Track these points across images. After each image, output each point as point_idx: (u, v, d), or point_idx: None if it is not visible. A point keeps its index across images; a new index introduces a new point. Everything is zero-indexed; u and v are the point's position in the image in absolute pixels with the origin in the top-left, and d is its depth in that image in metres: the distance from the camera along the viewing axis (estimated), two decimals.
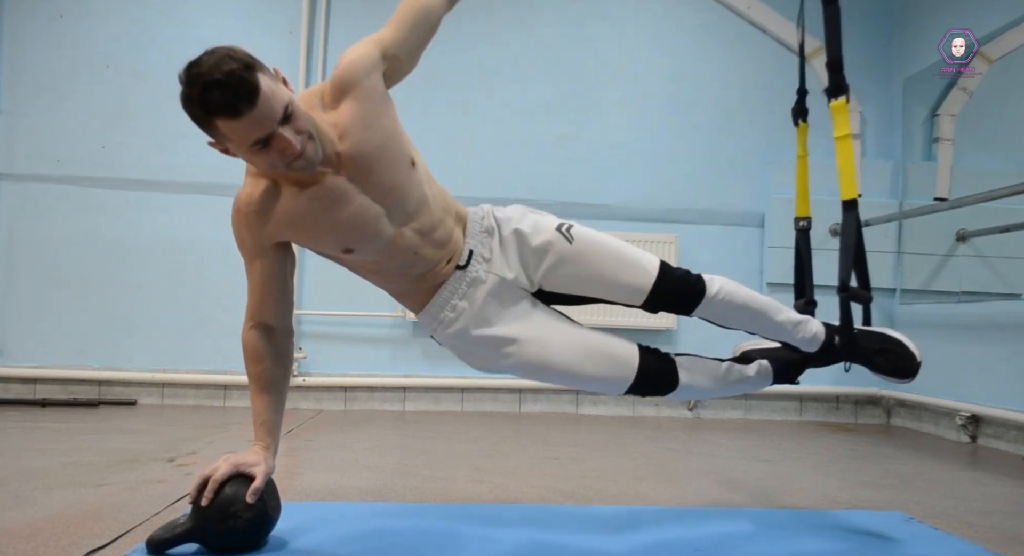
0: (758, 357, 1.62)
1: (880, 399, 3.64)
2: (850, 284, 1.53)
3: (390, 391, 3.52)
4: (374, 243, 1.35)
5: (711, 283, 1.48)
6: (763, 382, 1.60)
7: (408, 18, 1.36)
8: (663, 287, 1.46)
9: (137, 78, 3.53)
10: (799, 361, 1.62)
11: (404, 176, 1.34)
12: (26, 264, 3.46)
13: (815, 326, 1.56)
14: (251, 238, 1.34)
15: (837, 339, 1.55)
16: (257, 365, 1.39)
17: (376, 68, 1.31)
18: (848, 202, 1.55)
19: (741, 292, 1.50)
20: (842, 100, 1.57)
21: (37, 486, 1.81)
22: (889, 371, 1.54)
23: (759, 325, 1.53)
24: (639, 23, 3.74)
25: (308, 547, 1.37)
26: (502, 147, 3.63)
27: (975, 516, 1.81)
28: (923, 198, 3.50)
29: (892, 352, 1.53)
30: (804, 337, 1.54)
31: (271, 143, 1.17)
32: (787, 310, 1.54)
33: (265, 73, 1.16)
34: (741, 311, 1.49)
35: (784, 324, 1.52)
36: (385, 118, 1.32)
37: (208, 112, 1.14)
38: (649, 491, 2.00)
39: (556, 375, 1.46)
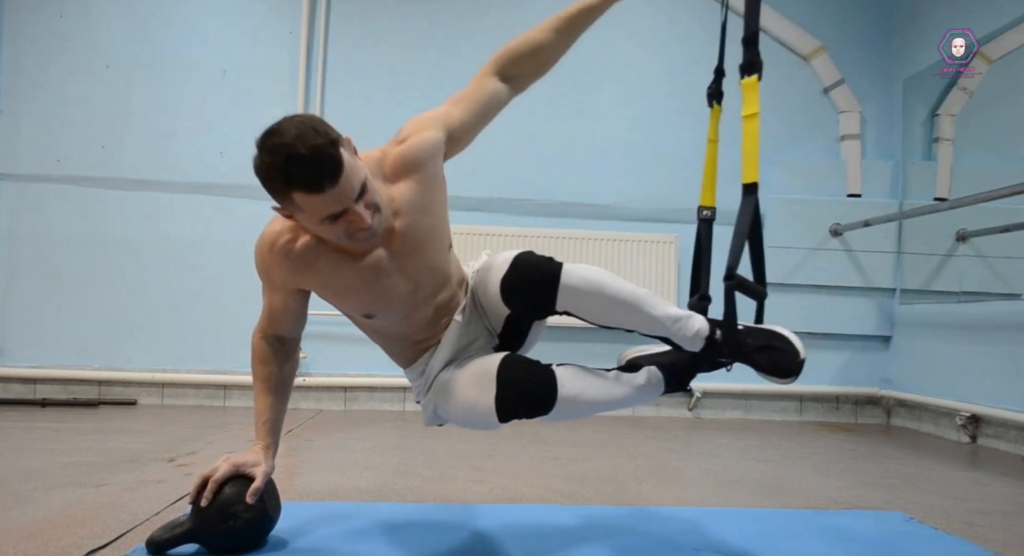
0: (646, 363, 1.46)
1: (880, 399, 3.64)
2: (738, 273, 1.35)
3: (390, 391, 3.52)
4: (397, 313, 1.37)
5: (569, 271, 1.28)
6: (654, 391, 1.44)
7: (478, 103, 1.38)
8: (514, 279, 1.30)
9: (137, 78, 3.53)
10: (688, 364, 1.46)
11: (442, 258, 1.37)
12: (26, 264, 3.47)
13: (697, 322, 1.37)
14: (279, 279, 1.34)
15: (719, 334, 1.37)
16: (265, 366, 1.40)
17: (440, 152, 1.32)
18: (748, 185, 1.42)
19: (610, 281, 1.31)
20: (754, 77, 1.49)
21: (37, 486, 1.81)
22: (770, 370, 1.35)
23: (634, 320, 1.33)
24: (638, 23, 3.74)
25: (308, 547, 1.37)
26: (502, 147, 3.63)
27: (975, 516, 1.81)
28: (923, 198, 3.50)
29: (774, 349, 1.34)
30: (685, 335, 1.35)
31: (343, 217, 1.17)
32: (666, 305, 1.36)
33: (346, 148, 1.16)
34: (611, 304, 1.30)
35: (662, 320, 1.33)
36: (439, 204, 1.33)
37: (289, 186, 1.13)
38: (649, 491, 2.00)
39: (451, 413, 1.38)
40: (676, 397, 3.62)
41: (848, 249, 3.63)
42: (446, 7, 3.68)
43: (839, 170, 3.70)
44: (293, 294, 1.37)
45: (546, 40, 1.45)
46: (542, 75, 1.50)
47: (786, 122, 3.75)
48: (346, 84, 3.60)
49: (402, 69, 3.62)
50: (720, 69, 1.70)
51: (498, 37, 1.57)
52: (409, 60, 3.63)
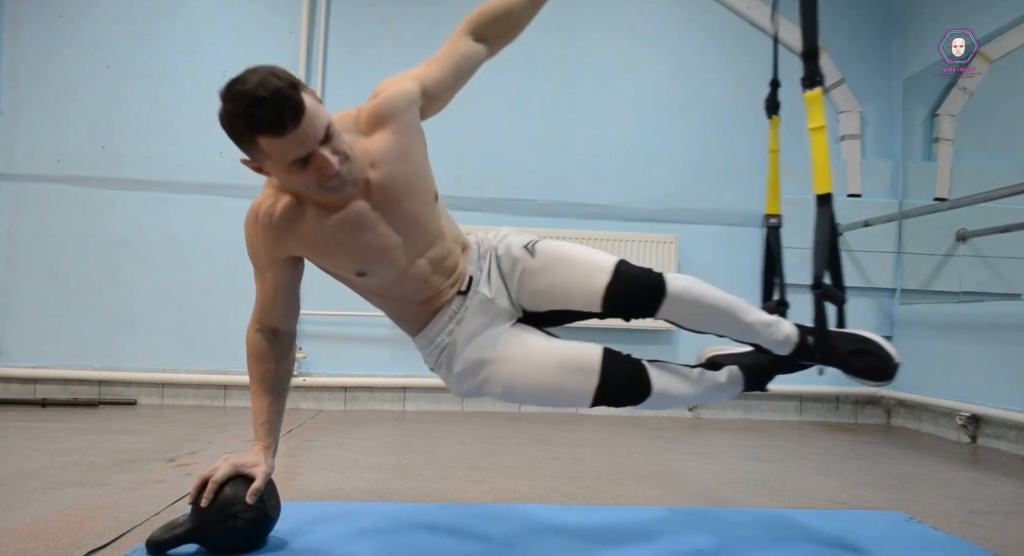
0: (727, 363, 1.53)
1: (880, 399, 3.64)
2: (824, 282, 1.45)
3: (390, 391, 3.52)
4: (389, 270, 1.37)
5: (673, 281, 1.37)
6: (734, 389, 1.51)
7: (452, 60, 1.40)
8: (619, 287, 1.36)
9: (137, 78, 3.53)
10: (770, 365, 1.53)
11: (427, 210, 1.37)
12: (26, 264, 3.46)
13: (787, 327, 1.46)
14: (265, 250, 1.35)
15: (810, 340, 1.45)
16: (261, 365, 1.40)
17: (415, 103, 1.34)
18: (822, 196, 1.50)
19: (707, 291, 1.39)
20: (818, 91, 1.52)
21: (37, 486, 1.81)
22: (865, 373, 1.44)
23: (728, 327, 1.43)
24: (639, 23, 3.74)
25: (308, 547, 1.37)
26: (502, 147, 3.63)
27: (975, 516, 1.81)
28: (923, 198, 3.50)
29: (868, 353, 1.44)
30: (776, 339, 1.44)
31: (310, 162, 1.18)
32: (756, 311, 1.45)
33: (307, 92, 1.17)
34: (708, 312, 1.39)
35: (754, 325, 1.42)
36: (417, 153, 1.35)
37: (251, 129, 1.14)
38: (649, 491, 2.00)
39: (523, 393, 1.41)
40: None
41: (848, 249, 3.63)
42: (446, 8, 3.68)
43: (839, 170, 3.70)
44: (283, 268, 1.37)
45: (518, 3, 1.48)
46: (515, 37, 1.52)
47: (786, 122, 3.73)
48: (346, 84, 3.60)
49: (402, 69, 3.60)
50: (775, 81, 1.76)
51: None
52: (409, 60, 3.56)
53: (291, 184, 1.26)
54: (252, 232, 1.34)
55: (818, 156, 1.49)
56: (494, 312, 1.45)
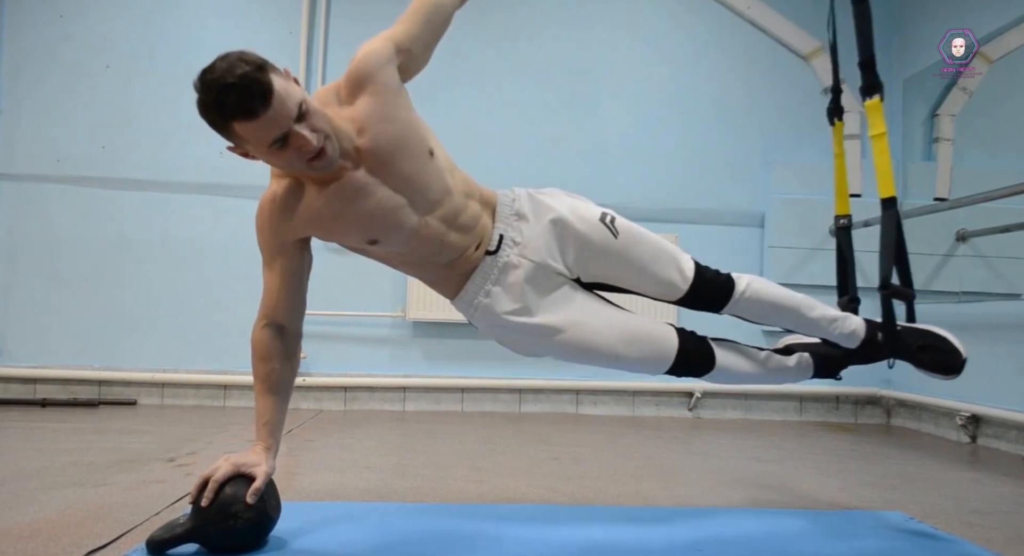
0: (800, 350, 1.64)
1: (880, 399, 3.64)
2: (891, 282, 1.54)
3: (390, 391, 3.52)
4: (398, 233, 1.37)
5: (739, 281, 1.52)
6: (803, 374, 1.62)
7: (420, 13, 1.38)
8: (698, 286, 1.51)
9: (137, 78, 3.53)
10: (841, 357, 1.63)
11: (423, 166, 1.36)
12: (26, 264, 3.46)
13: (854, 322, 1.57)
14: (273, 236, 1.36)
15: (880, 335, 1.56)
16: (266, 365, 1.39)
17: (391, 61, 1.32)
18: (887, 200, 1.56)
19: (771, 290, 1.53)
20: (876, 99, 1.57)
21: (37, 486, 1.81)
22: (934, 368, 1.54)
23: (793, 321, 1.55)
24: (639, 23, 3.74)
25: (308, 547, 1.37)
26: (503, 146, 3.63)
27: (975, 516, 1.81)
28: (923, 198, 3.50)
29: (936, 348, 1.53)
30: (842, 333, 1.56)
31: (288, 142, 1.18)
32: (821, 306, 1.56)
33: (277, 73, 1.17)
34: (771, 308, 1.52)
35: (819, 320, 1.54)
36: (402, 110, 1.33)
37: (224, 116, 1.15)
38: (649, 491, 2.00)
39: (599, 358, 1.49)
40: (677, 397, 3.62)
41: None
42: None
43: None
44: (290, 253, 1.37)
45: None
46: None
47: (786, 122, 3.75)
48: None
49: None
50: (837, 87, 1.83)
51: (498, 36, 1.58)
52: None
53: (277, 165, 1.28)
54: (261, 221, 1.36)
55: (881, 162, 1.54)
56: (550, 276, 1.48)
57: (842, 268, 1.79)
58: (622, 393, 3.58)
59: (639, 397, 3.61)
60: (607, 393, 3.59)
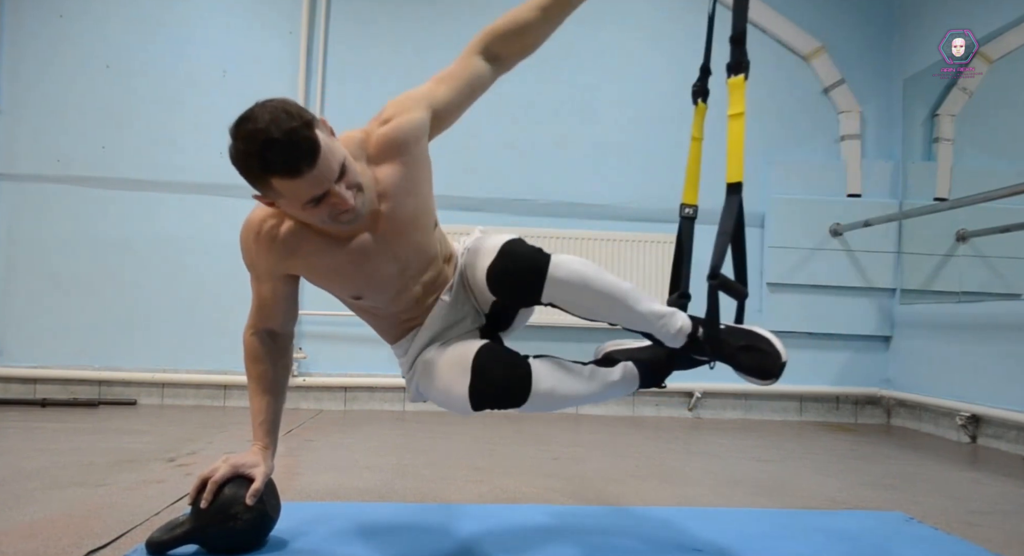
0: (623, 358, 1.47)
1: (880, 399, 3.64)
2: (721, 272, 1.37)
3: (390, 391, 3.52)
4: (384, 295, 1.37)
5: (558, 262, 1.27)
6: (629, 386, 1.45)
7: (462, 80, 1.36)
8: (501, 267, 1.28)
9: (137, 78, 3.53)
10: (664, 361, 1.47)
11: (428, 238, 1.36)
12: (26, 264, 3.46)
13: (680, 319, 1.38)
14: (265, 266, 1.34)
15: (701, 332, 1.38)
16: (258, 365, 1.39)
17: (426, 132, 1.31)
18: (733, 185, 1.45)
19: (597, 276, 1.30)
20: (740, 77, 1.52)
21: (37, 486, 1.81)
22: (752, 371, 1.36)
23: (619, 315, 1.34)
24: (639, 23, 3.74)
25: (308, 547, 1.37)
26: (502, 147, 3.63)
27: (975, 516, 1.81)
28: (923, 198, 3.50)
29: (757, 350, 1.36)
30: (668, 331, 1.36)
31: (324, 199, 1.16)
32: (650, 300, 1.37)
33: (321, 129, 1.14)
34: (597, 297, 1.29)
35: (646, 316, 1.34)
36: (424, 184, 1.32)
37: (267, 171, 1.12)
38: (649, 491, 2.00)
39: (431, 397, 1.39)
40: (677, 397, 3.62)
41: (848, 249, 3.63)
42: (446, 7, 3.68)
43: (839, 170, 3.70)
44: (282, 280, 1.36)
45: (533, 19, 1.41)
46: (528, 55, 1.46)
47: (786, 122, 3.75)
48: (346, 84, 3.60)
49: (402, 69, 3.61)
50: (706, 67, 1.72)
51: None
52: (409, 60, 3.62)
53: (304, 219, 1.24)
54: (252, 246, 1.32)
55: (734, 143, 1.44)
56: (453, 317, 1.42)
57: (678, 261, 1.59)
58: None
59: (639, 397, 3.61)
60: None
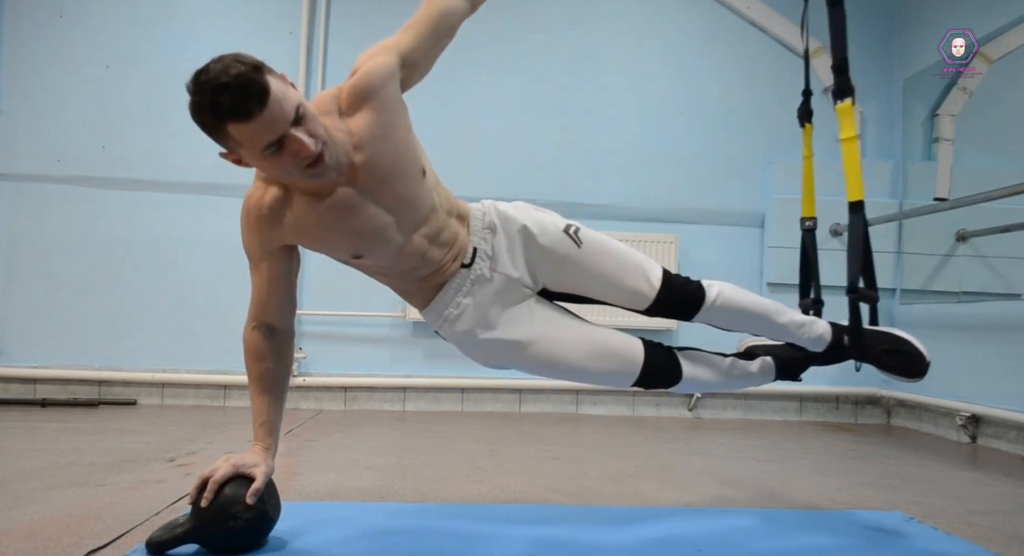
0: (762, 353, 1.64)
1: (880, 399, 3.64)
2: (858, 285, 1.54)
3: (390, 391, 3.52)
4: (384, 250, 1.36)
5: (710, 290, 1.51)
6: (765, 378, 1.62)
7: (428, 23, 1.36)
8: (666, 295, 1.49)
9: (137, 78, 3.53)
10: (803, 359, 1.64)
11: (416, 186, 1.35)
12: (26, 264, 3.46)
13: (821, 327, 1.58)
14: (258, 242, 1.34)
15: (846, 339, 1.57)
16: (259, 365, 1.39)
17: (394, 76, 1.30)
18: (855, 204, 1.57)
19: (741, 297, 1.53)
20: (848, 102, 1.58)
21: (37, 486, 1.81)
22: (898, 371, 1.56)
23: (762, 328, 1.56)
24: (639, 23, 3.74)
25: (308, 547, 1.37)
26: (502, 147, 3.63)
27: (975, 516, 1.81)
28: (923, 198, 3.50)
29: (901, 352, 1.55)
30: (810, 338, 1.56)
31: (284, 146, 1.16)
32: (790, 312, 1.56)
33: (273, 75, 1.15)
34: (742, 315, 1.52)
35: (787, 326, 1.54)
36: (401, 129, 1.32)
37: (219, 117, 1.12)
38: (649, 491, 2.00)
39: (564, 372, 1.49)
40: (677, 397, 3.62)
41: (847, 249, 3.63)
42: None
43: (839, 170, 3.69)
44: (276, 258, 1.36)
45: None
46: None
47: (786, 122, 3.73)
48: None
49: None
50: (808, 90, 1.83)
51: (498, 37, 1.57)
52: None
53: (271, 172, 1.25)
54: (245, 225, 1.34)
55: (850, 165, 1.56)
56: (517, 289, 1.48)
57: (806, 270, 1.79)
58: (622, 393, 3.58)
59: (639, 397, 3.61)
60: (607, 393, 3.59)
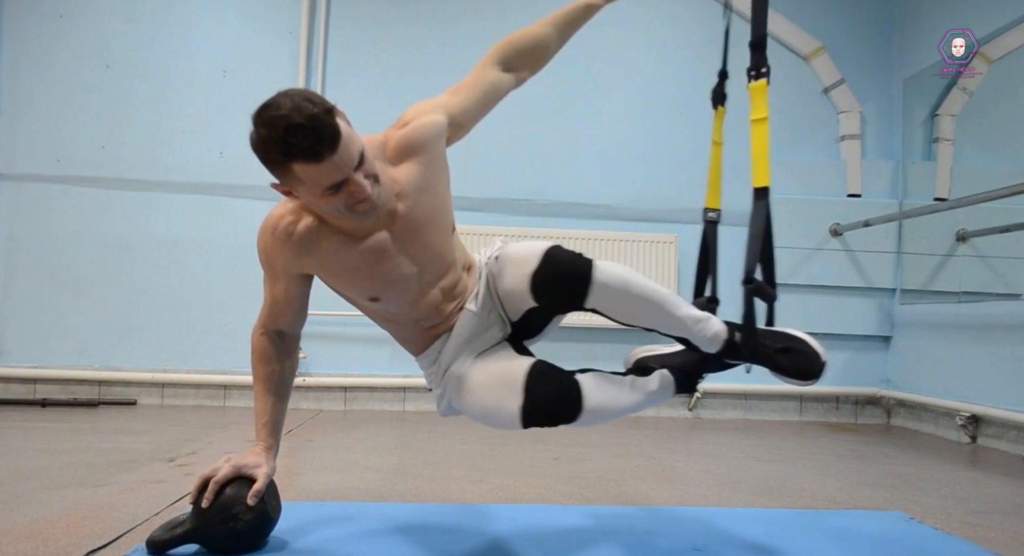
0: (656, 365, 1.50)
1: (880, 399, 3.64)
2: (755, 277, 1.39)
3: (390, 391, 3.52)
4: (402, 298, 1.36)
5: (601, 268, 1.29)
6: (666, 394, 1.48)
7: (478, 90, 1.41)
8: (545, 273, 1.29)
9: (137, 78, 3.53)
10: (697, 364, 1.49)
11: (444, 241, 1.36)
12: (26, 264, 3.46)
13: (716, 324, 1.41)
14: (281, 265, 1.34)
15: (737, 336, 1.41)
16: (266, 366, 1.40)
17: (443, 135, 1.34)
18: (759, 190, 1.46)
19: (638, 281, 1.33)
20: (763, 81, 1.52)
21: (37, 486, 1.81)
22: (791, 372, 1.39)
23: (658, 320, 1.36)
24: (638, 23, 3.74)
25: (308, 547, 1.37)
26: (503, 147, 3.63)
27: (975, 516, 1.81)
28: (923, 198, 3.50)
29: (795, 351, 1.39)
30: (705, 335, 1.39)
31: (343, 187, 1.17)
32: (687, 305, 1.40)
33: (341, 117, 1.16)
34: (637, 302, 1.32)
35: (684, 320, 1.37)
36: (442, 186, 1.35)
37: (288, 156, 1.13)
38: (649, 491, 2.00)
39: (470, 413, 1.38)
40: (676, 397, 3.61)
41: (848, 249, 3.63)
42: (446, 8, 3.68)
43: (839, 170, 3.70)
44: (295, 280, 1.36)
45: (546, 34, 1.52)
46: (540, 68, 1.56)
47: (786, 122, 3.75)
48: (346, 84, 3.60)
49: (402, 69, 3.61)
50: (724, 72, 1.75)
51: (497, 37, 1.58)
52: (409, 60, 3.62)
53: (322, 208, 1.25)
54: (269, 244, 1.33)
55: (759, 148, 1.45)
56: (481, 327, 1.42)
57: (704, 265, 1.61)
58: None
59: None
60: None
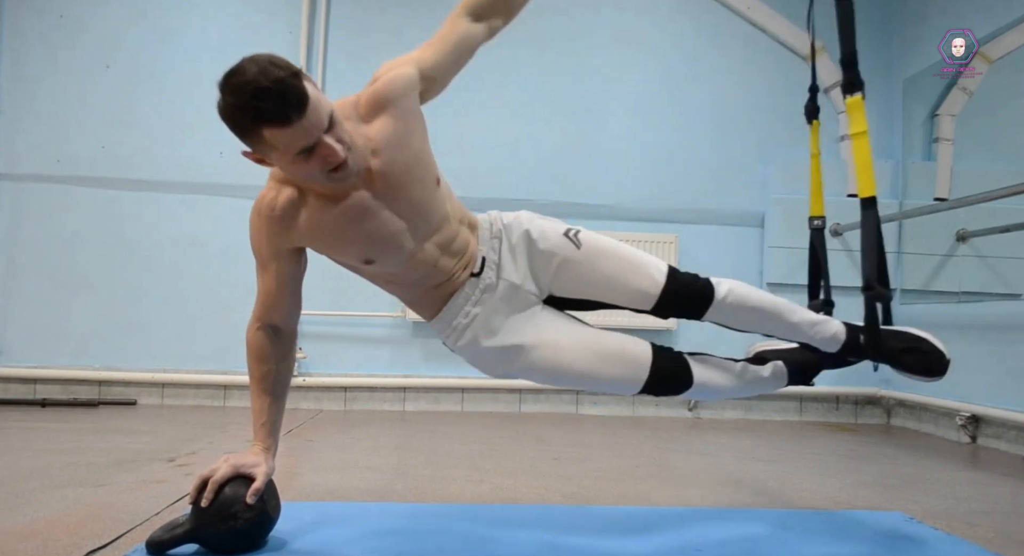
0: (773, 358, 1.60)
1: (880, 399, 3.64)
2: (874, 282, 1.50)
3: (390, 391, 3.52)
4: (396, 256, 1.37)
5: (719, 287, 1.46)
6: (778, 383, 1.58)
7: (449, 42, 1.41)
8: (671, 292, 1.45)
9: (137, 78, 3.53)
10: (815, 362, 1.60)
11: (429, 194, 1.36)
12: (26, 264, 3.46)
13: (834, 326, 1.53)
14: (268, 243, 1.34)
15: (862, 338, 1.51)
16: (263, 365, 1.39)
17: (414, 88, 1.34)
18: (867, 200, 1.53)
19: (752, 294, 1.48)
20: (858, 97, 1.54)
21: (37, 486, 1.81)
22: (917, 370, 1.52)
23: (774, 327, 1.51)
24: (639, 23, 3.74)
25: (308, 547, 1.37)
26: (503, 147, 3.63)
27: (975, 516, 1.81)
28: (923, 198, 3.50)
29: (919, 351, 1.51)
30: (823, 337, 1.52)
31: (315, 151, 1.17)
32: (802, 311, 1.52)
33: (309, 81, 1.16)
34: (753, 314, 1.48)
35: (800, 325, 1.50)
36: (417, 138, 1.34)
37: (257, 121, 1.13)
38: (649, 491, 2.00)
39: (569, 379, 1.47)
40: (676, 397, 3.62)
41: (848, 249, 3.63)
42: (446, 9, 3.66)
43: (839, 170, 3.70)
44: (286, 259, 1.36)
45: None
46: (513, 17, 1.55)
47: (786, 122, 3.74)
48: (346, 84, 3.60)
49: None
50: (814, 86, 1.81)
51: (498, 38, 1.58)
52: None
53: (295, 174, 1.25)
54: (255, 225, 1.34)
55: (860, 160, 1.51)
56: (522, 296, 1.46)
57: (815, 270, 1.74)
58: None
59: (639, 397, 3.61)
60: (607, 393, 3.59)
